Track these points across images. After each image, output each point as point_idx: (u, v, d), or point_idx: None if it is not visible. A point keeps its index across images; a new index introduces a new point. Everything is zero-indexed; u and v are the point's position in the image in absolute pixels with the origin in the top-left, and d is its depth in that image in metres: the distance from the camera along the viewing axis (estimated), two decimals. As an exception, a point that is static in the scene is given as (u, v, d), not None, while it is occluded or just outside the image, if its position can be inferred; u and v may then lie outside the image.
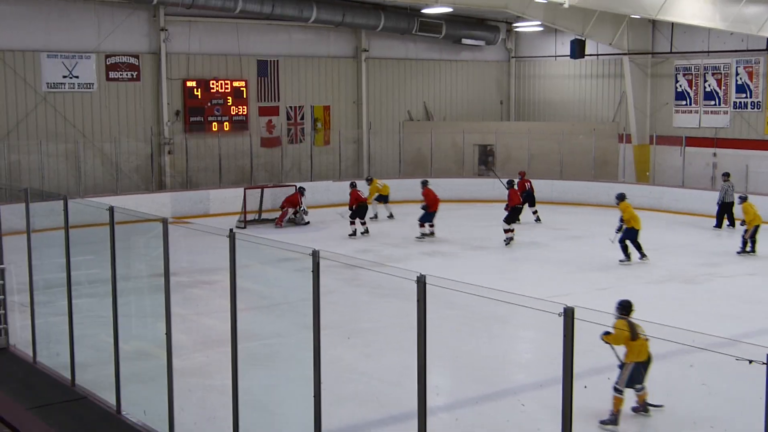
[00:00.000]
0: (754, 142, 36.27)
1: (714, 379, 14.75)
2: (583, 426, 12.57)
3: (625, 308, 13.84)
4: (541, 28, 42.81)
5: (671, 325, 8.46)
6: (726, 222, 31.99)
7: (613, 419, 13.50)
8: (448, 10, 38.28)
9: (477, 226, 32.63)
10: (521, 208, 30.85)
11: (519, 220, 30.72)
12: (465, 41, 43.36)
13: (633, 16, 37.09)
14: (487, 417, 13.86)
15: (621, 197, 26.58)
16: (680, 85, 38.97)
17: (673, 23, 37.18)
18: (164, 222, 11.90)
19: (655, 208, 35.76)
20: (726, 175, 32.38)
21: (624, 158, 40.01)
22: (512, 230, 29.18)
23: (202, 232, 14.98)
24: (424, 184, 31.01)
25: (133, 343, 16.66)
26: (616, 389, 13.60)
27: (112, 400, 13.06)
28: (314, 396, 9.97)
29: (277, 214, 32.66)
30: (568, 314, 7.20)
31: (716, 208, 32.14)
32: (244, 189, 32.92)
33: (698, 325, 17.27)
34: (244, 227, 31.43)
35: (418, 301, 8.45)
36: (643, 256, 26.10)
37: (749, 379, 7.01)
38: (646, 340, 13.51)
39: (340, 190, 35.29)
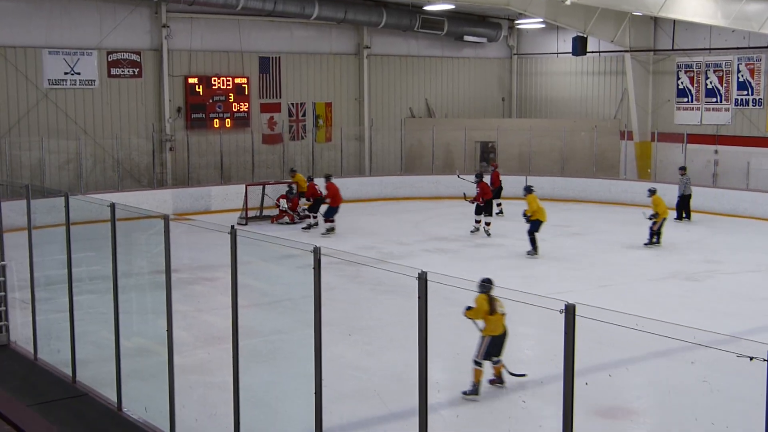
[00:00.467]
0: (755, 139, 36.23)
1: (715, 376, 14.74)
2: (585, 422, 12.56)
3: (485, 285, 14.42)
4: (542, 25, 42.84)
5: (672, 322, 8.46)
6: (683, 214, 33.26)
7: (474, 390, 14.37)
8: (450, 7, 38.27)
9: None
10: (492, 201, 31.26)
11: (493, 214, 31.41)
12: (467, 38, 43.35)
13: (635, 14, 37.07)
14: (488, 414, 13.85)
15: (528, 190, 27.46)
16: (682, 82, 38.94)
17: (674, 20, 37.16)
18: (165, 219, 11.90)
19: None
20: (683, 169, 33.80)
21: (625, 155, 40.00)
22: (481, 221, 30.23)
23: (203, 229, 15.01)
24: (328, 178, 31.48)
25: (134, 339, 16.67)
26: (475, 362, 14.50)
27: (113, 397, 13.06)
28: (315, 393, 9.97)
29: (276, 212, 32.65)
30: (570, 311, 7.20)
31: (676, 201, 33.37)
32: (246, 186, 32.90)
33: (699, 322, 17.34)
34: (246, 224, 31.43)
35: (419, 297, 8.44)
36: (534, 250, 26.68)
37: (750, 376, 7.02)
38: (503, 315, 14.60)
39: (342, 186, 35.23)
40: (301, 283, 10.24)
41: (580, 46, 39.26)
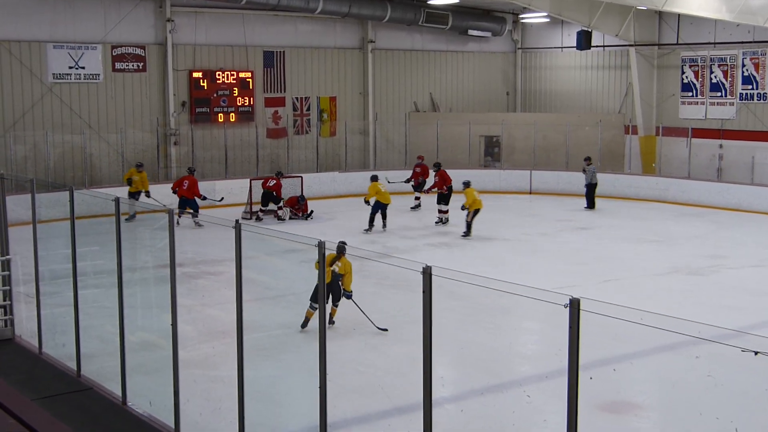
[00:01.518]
0: (760, 133, 36.19)
1: (719, 371, 14.74)
2: (589, 417, 12.57)
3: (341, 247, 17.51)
4: (547, 19, 42.80)
5: (677, 316, 8.45)
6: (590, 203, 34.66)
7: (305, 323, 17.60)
8: (454, 1, 38.25)
9: (483, 218, 32.59)
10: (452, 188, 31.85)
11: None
12: (471, 32, 43.33)
13: (639, 8, 37.01)
14: (492, 408, 13.86)
15: (467, 184, 29.36)
16: (686, 77, 38.90)
17: (679, 14, 37.12)
18: (170, 213, 11.91)
19: (661, 200, 35.81)
20: (588, 159, 35.38)
21: (630, 149, 40.00)
22: (447, 211, 31.16)
23: (207, 223, 15.02)
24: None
25: (139, 334, 16.69)
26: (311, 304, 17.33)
27: (118, 391, 13.07)
28: (320, 387, 9.98)
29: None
30: (574, 305, 7.19)
31: (585, 190, 35.02)
32: (250, 180, 32.90)
33: (704, 316, 17.31)
34: (250, 218, 31.43)
35: (423, 292, 8.44)
36: (468, 233, 28.78)
37: (755, 371, 7.03)
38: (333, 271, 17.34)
39: (346, 181, 35.36)
40: (306, 277, 10.26)
41: (584, 41, 39.21)
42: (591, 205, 34.65)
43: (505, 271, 22.75)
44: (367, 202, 29.79)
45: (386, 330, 16.49)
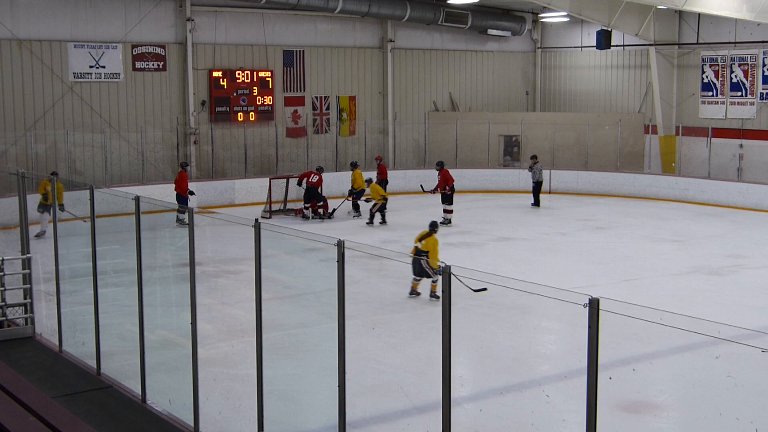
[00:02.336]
0: (781, 133, 36.13)
1: (739, 371, 14.71)
2: (608, 417, 12.55)
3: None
4: (567, 19, 42.74)
5: (696, 316, 8.44)
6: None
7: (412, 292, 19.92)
8: (474, 0, 38.18)
9: (502, 217, 32.63)
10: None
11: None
12: (491, 32, 43.30)
13: (659, 7, 36.92)
14: (511, 408, 13.85)
15: (369, 181, 31.69)
16: (706, 76, 38.79)
17: (699, 14, 37.04)
18: (190, 212, 11.95)
19: (681, 199, 35.72)
20: (534, 157, 35.62)
21: (650, 149, 39.91)
22: (452, 211, 31.32)
23: (227, 222, 15.03)
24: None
25: (159, 332, 16.74)
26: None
27: (138, 389, 13.11)
28: (339, 386, 9.99)
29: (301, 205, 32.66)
30: (593, 305, 7.19)
31: (531, 187, 35.47)
32: (270, 179, 32.95)
33: (724, 316, 17.28)
34: (270, 217, 31.47)
35: (443, 291, 8.45)
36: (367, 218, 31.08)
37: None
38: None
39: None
40: (325, 276, 10.29)
41: (604, 40, 39.14)
42: (537, 202, 34.95)
43: (524, 271, 22.73)
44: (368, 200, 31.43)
45: (485, 289, 16.45)
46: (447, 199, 31.07)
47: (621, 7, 37.15)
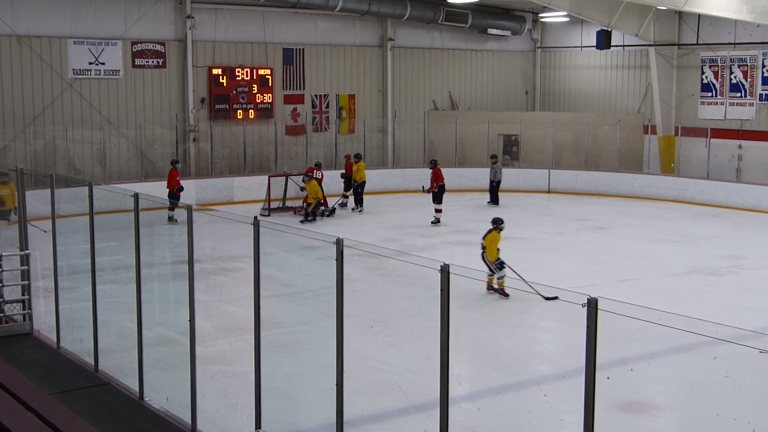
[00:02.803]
0: (780, 134, 36.14)
1: (737, 372, 14.71)
2: (606, 417, 12.55)
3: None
4: (567, 19, 42.72)
5: (695, 317, 8.45)
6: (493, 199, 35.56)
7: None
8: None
9: (500, 216, 32.55)
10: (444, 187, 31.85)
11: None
12: (491, 31, 43.30)
13: (659, 7, 36.89)
14: (509, 407, 13.86)
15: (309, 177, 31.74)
16: (706, 77, 38.79)
17: (699, 14, 37.01)
18: (188, 209, 11.94)
19: (680, 200, 35.73)
20: (494, 157, 36.13)
21: (649, 149, 39.90)
22: (440, 210, 31.10)
23: (226, 220, 15.06)
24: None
25: (157, 329, 16.74)
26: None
27: (135, 387, 13.12)
28: (336, 384, 9.99)
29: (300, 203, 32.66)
30: (592, 305, 7.19)
31: (489, 186, 35.76)
32: (269, 177, 32.94)
33: (722, 317, 17.28)
34: (268, 215, 31.47)
35: (441, 290, 8.44)
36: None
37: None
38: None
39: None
40: (324, 274, 10.28)
41: (604, 40, 39.12)
42: (494, 201, 35.17)
43: (523, 270, 22.71)
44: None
45: (557, 298, 16.53)
46: (436, 198, 30.98)
47: (621, 7, 37.13)
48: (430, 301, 9.18)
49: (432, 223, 30.58)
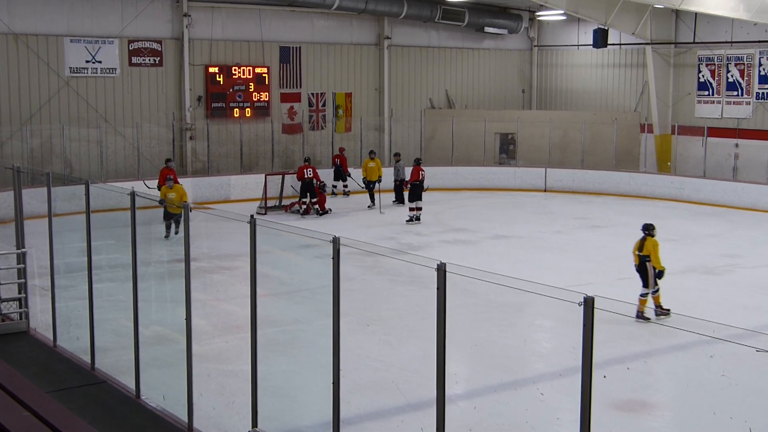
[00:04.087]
0: (776, 133, 36.16)
1: (734, 370, 14.71)
2: (602, 415, 12.55)
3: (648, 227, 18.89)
4: (563, 17, 42.76)
5: (692, 315, 8.45)
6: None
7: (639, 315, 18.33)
8: (470, -2, 38.20)
9: (497, 215, 32.65)
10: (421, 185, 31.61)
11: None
12: (487, 29, 43.31)
13: (656, 6, 36.95)
14: (505, 405, 13.85)
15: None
16: (703, 75, 38.81)
17: (696, 13, 37.04)
18: (185, 207, 11.94)
19: (677, 198, 35.74)
20: (397, 155, 35.92)
21: (645, 148, 39.92)
22: (415, 209, 30.77)
23: (222, 218, 15.08)
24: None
25: (153, 328, 16.73)
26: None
27: (132, 385, 13.11)
28: (333, 383, 9.99)
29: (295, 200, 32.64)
30: (588, 303, 7.19)
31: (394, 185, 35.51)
32: (265, 175, 32.93)
33: (719, 316, 17.27)
34: (265, 213, 31.46)
35: (438, 288, 8.44)
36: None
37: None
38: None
39: (361, 177, 35.24)
40: (320, 272, 10.27)
41: (601, 39, 39.15)
42: (400, 200, 34.81)
43: (519, 269, 22.73)
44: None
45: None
46: (412, 196, 30.78)
47: (618, 5, 37.15)
48: (426, 300, 9.19)
49: (407, 221, 30.41)
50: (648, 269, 18.61)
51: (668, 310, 17.98)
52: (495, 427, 13.00)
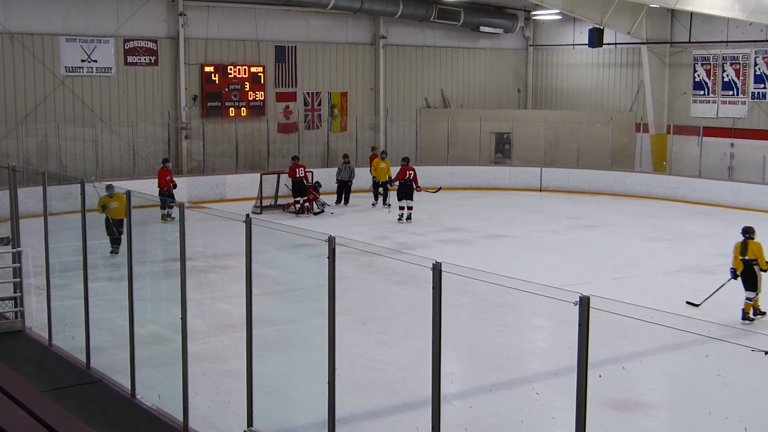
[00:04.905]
0: (772, 132, 36.19)
1: (729, 370, 14.71)
2: (598, 415, 12.56)
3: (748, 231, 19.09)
4: (559, 17, 42.75)
5: (687, 315, 8.45)
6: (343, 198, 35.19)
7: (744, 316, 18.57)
8: (466, -3, 38.19)
9: (493, 214, 32.65)
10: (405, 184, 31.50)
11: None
12: (483, 29, 43.30)
13: (652, 5, 36.94)
14: (501, 405, 13.86)
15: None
16: (698, 75, 38.83)
17: (692, 12, 37.06)
18: (180, 206, 11.93)
19: (672, 198, 35.76)
20: (345, 156, 35.80)
21: (641, 147, 39.93)
22: (404, 207, 30.87)
23: (218, 217, 15.07)
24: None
25: (148, 327, 16.73)
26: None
27: (127, 384, 13.11)
28: (328, 382, 9.99)
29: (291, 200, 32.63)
30: (584, 303, 7.19)
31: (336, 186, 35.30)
32: (261, 174, 32.93)
33: (714, 315, 17.28)
34: (260, 213, 31.44)
35: (433, 288, 8.44)
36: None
37: (764, 370, 7.02)
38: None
39: (357, 176, 35.23)
40: (315, 272, 10.28)
41: (596, 38, 39.17)
42: (343, 201, 34.80)
43: (515, 268, 22.73)
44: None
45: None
46: (400, 196, 30.76)
47: (613, 5, 37.18)
48: (422, 299, 9.19)
49: (398, 220, 30.42)
50: (756, 273, 18.62)
51: (765, 312, 18.87)
52: (490, 427, 13.00)
